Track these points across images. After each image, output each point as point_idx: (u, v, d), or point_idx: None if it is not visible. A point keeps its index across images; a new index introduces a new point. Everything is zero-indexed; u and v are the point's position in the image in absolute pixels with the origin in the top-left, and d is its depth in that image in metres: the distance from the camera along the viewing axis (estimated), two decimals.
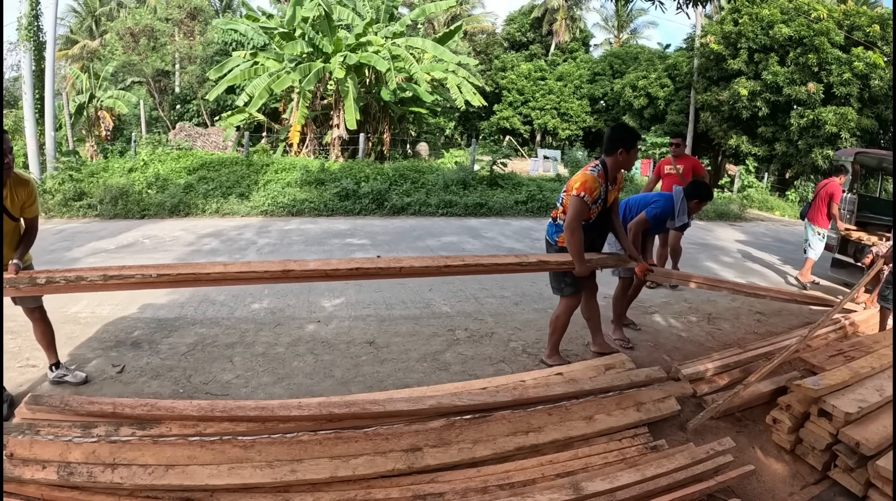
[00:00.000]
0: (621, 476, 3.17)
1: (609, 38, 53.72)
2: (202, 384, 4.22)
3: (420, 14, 23.91)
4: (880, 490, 3.41)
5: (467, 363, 4.98)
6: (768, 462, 4.00)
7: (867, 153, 11.50)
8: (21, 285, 3.62)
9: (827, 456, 3.82)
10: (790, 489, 3.72)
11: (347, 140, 21.73)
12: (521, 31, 49.87)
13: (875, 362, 4.63)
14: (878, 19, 26.39)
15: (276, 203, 12.64)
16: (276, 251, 8.67)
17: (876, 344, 5.24)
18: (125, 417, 3.23)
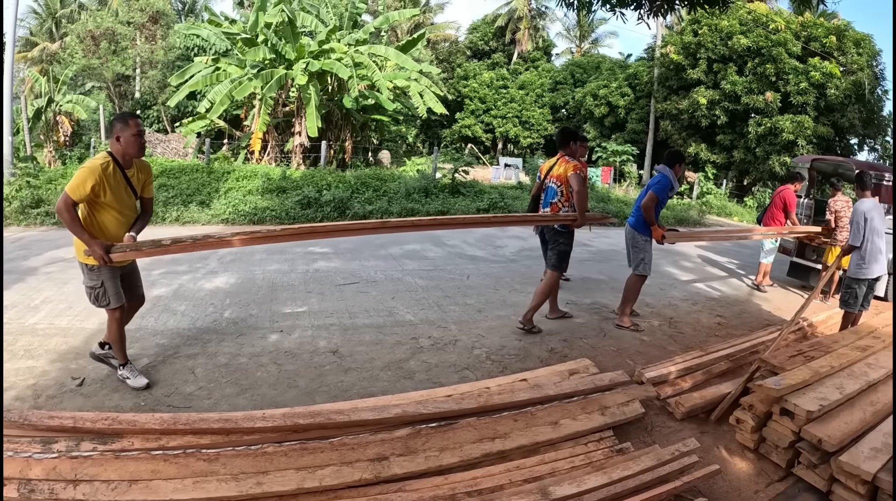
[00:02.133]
0: (588, 480, 3.20)
1: (571, 48, 54.25)
2: (164, 397, 4.16)
3: (384, 22, 23.90)
4: (844, 485, 3.50)
5: (432, 371, 4.99)
6: (733, 460, 4.09)
7: (824, 160, 11.81)
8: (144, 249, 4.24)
9: (791, 454, 3.93)
10: (755, 486, 3.80)
11: (309, 148, 21.60)
12: (483, 39, 50.15)
13: (834, 361, 4.78)
14: (834, 31, 27.14)
15: (237, 211, 12.51)
16: (238, 260, 8.58)
17: (835, 344, 5.40)
18: (86, 431, 3.15)
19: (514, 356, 5.55)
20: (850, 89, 25.99)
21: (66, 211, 3.93)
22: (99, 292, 4.24)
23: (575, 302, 7.65)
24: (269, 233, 4.56)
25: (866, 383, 4.48)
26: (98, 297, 4.25)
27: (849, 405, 4.13)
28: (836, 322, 7.60)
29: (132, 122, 4.16)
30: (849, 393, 4.21)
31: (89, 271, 4.18)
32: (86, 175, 3.96)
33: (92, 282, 4.21)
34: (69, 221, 3.96)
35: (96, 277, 4.19)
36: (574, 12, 7.51)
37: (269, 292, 6.98)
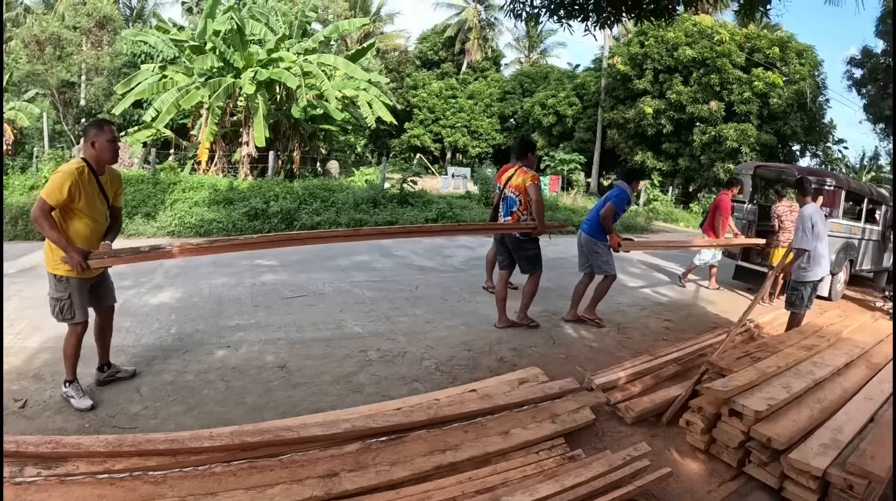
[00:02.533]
0: (541, 489, 3.23)
1: (520, 58, 54.89)
2: (109, 417, 4.07)
3: (333, 31, 23.81)
4: (795, 482, 3.61)
5: (381, 384, 4.98)
6: (685, 462, 4.16)
7: (766, 167, 12.18)
8: (122, 256, 4.27)
9: (741, 453, 4.03)
10: (708, 487, 3.87)
11: (257, 158, 21.35)
12: (433, 49, 50.37)
13: (781, 361, 4.93)
14: (777, 42, 28.06)
15: (183, 223, 12.29)
16: (184, 274, 8.44)
17: (781, 344, 5.58)
18: (29, 456, 3.06)
19: (463, 366, 5.57)
20: (793, 98, 26.90)
21: (43, 217, 3.93)
22: (65, 304, 4.21)
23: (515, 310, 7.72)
24: (247, 239, 4.75)
25: (813, 381, 4.64)
26: (63, 309, 4.22)
27: (796, 404, 4.26)
28: (781, 323, 7.82)
29: (107, 128, 4.22)
30: (796, 392, 4.35)
31: (58, 281, 4.16)
32: (62, 179, 3.96)
33: (59, 294, 4.18)
34: (47, 227, 3.94)
35: (64, 288, 4.18)
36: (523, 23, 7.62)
37: (215, 307, 6.88)
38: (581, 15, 7.19)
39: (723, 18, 32.10)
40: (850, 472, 3.39)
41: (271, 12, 24.42)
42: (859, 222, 11.53)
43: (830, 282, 9.92)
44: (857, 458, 3.47)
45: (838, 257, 10.27)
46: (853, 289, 12.13)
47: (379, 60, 42.62)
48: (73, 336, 4.33)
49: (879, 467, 3.37)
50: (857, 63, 24.97)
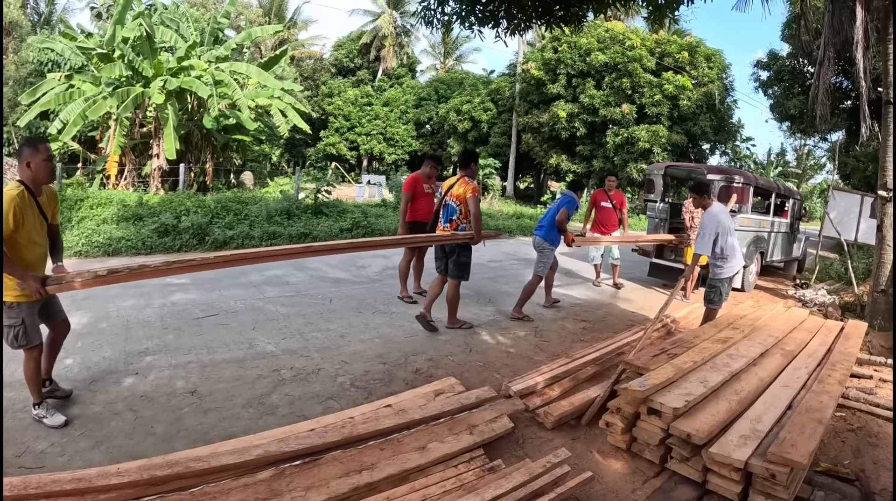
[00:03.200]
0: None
1: (436, 64, 55.22)
2: (14, 457, 3.87)
3: (246, 38, 23.38)
4: (717, 474, 3.68)
5: (295, 404, 4.92)
6: (608, 463, 4.22)
7: (677, 166, 12.66)
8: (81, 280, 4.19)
9: (662, 450, 4.11)
10: (632, 485, 3.94)
11: (168, 171, 20.78)
12: (349, 56, 50.21)
13: (696, 356, 5.06)
14: (686, 47, 29.16)
15: (90, 243, 11.77)
16: (91, 297, 8.06)
17: (696, 339, 5.75)
18: None
19: (378, 380, 5.56)
20: (702, 100, 28.00)
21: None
22: (19, 330, 4.16)
23: (440, 319, 7.71)
24: (204, 260, 4.83)
25: (729, 373, 4.78)
26: (17, 336, 4.17)
27: (714, 397, 4.37)
28: (697, 316, 8.12)
29: (42, 146, 4.22)
30: (713, 386, 4.46)
31: (8, 309, 4.10)
32: (6, 207, 3.91)
33: (11, 320, 4.13)
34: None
35: (16, 315, 4.13)
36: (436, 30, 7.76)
37: (123, 331, 6.64)
38: (492, 21, 7.29)
39: (634, 25, 33.22)
40: (771, 461, 3.47)
41: (182, 18, 23.91)
42: (768, 216, 12.03)
43: (743, 274, 10.32)
44: (777, 447, 3.55)
45: (749, 250, 10.71)
46: (765, 279, 12.63)
47: (294, 68, 42.23)
48: (32, 361, 4.33)
49: (800, 454, 3.47)
50: (764, 66, 26.09)
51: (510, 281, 10.52)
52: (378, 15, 49.45)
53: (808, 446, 3.59)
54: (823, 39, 10.20)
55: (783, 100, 24.83)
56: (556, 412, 4.74)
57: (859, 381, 6.08)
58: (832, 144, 28.59)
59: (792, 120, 25.72)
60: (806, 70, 23.30)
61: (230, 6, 24.44)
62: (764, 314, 7.61)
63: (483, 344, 6.91)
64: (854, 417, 5.39)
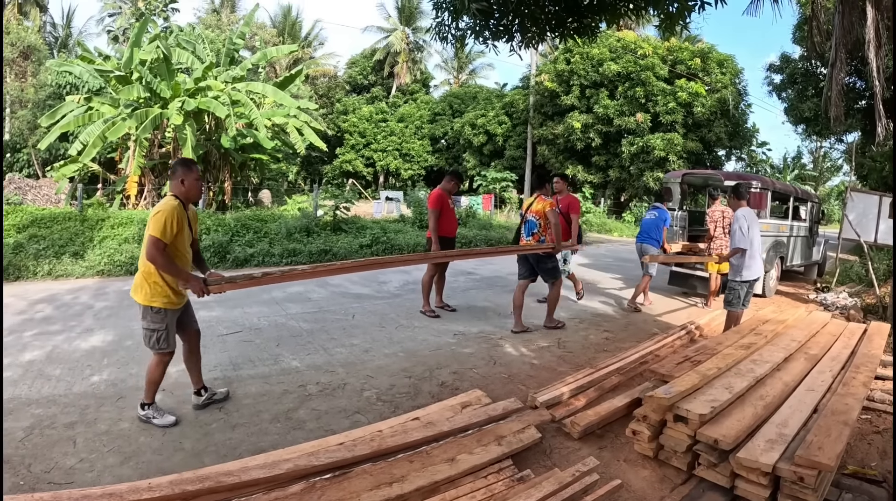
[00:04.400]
0: None
1: (449, 79, 55.39)
2: (44, 473, 3.89)
3: (261, 58, 23.55)
4: (746, 479, 3.65)
5: (322, 419, 4.92)
6: (635, 471, 4.18)
7: (693, 174, 12.60)
8: (238, 281, 4.81)
9: (690, 457, 4.06)
10: (660, 493, 3.90)
11: None
12: (362, 74, 50.45)
13: (720, 362, 5.03)
14: (698, 53, 29.14)
15: (112, 262, 11.93)
16: (115, 315, 8.21)
17: (719, 346, 5.71)
18: None
19: (404, 394, 5.56)
20: (716, 106, 27.93)
21: (160, 255, 4.34)
22: (161, 334, 4.62)
23: (463, 332, 7.79)
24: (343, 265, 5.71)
25: (754, 379, 4.75)
26: (158, 339, 4.62)
27: (739, 403, 4.34)
28: (719, 323, 8.10)
29: (194, 167, 4.81)
30: (738, 391, 4.43)
31: (155, 313, 4.57)
32: (169, 217, 4.42)
33: (156, 325, 4.59)
34: (165, 263, 4.37)
35: (161, 320, 4.60)
36: (450, 46, 7.84)
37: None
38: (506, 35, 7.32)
39: (645, 33, 33.23)
40: (798, 464, 3.45)
41: (198, 40, 24.09)
42: (787, 220, 11.97)
43: (764, 279, 10.26)
44: (804, 450, 3.53)
45: (769, 255, 10.66)
46: (785, 284, 12.54)
47: (308, 87, 42.49)
48: (161, 365, 4.74)
49: (827, 456, 3.45)
50: (777, 69, 25.96)
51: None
52: (391, 32, 49.69)
53: (835, 448, 3.57)
54: (835, 40, 10.18)
55: (797, 103, 24.69)
56: (582, 422, 4.71)
57: (884, 383, 6.02)
58: (848, 145, 28.41)
59: (807, 122, 25.57)
60: (819, 72, 23.16)
61: (245, 27, 24.65)
62: (786, 318, 7.57)
63: (507, 356, 6.90)
64: (879, 419, 5.34)
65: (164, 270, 4.43)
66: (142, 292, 4.55)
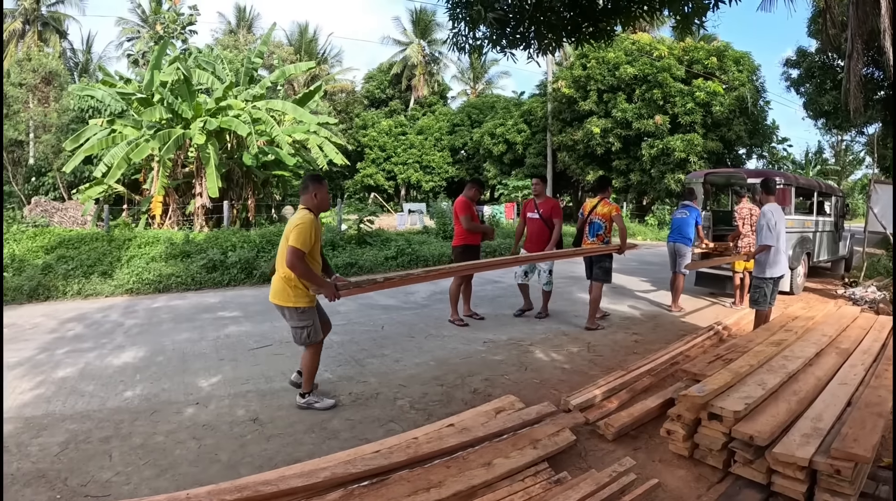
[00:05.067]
0: None
1: (466, 90, 55.62)
2: (80, 487, 3.90)
3: (280, 76, 23.82)
4: (782, 474, 3.62)
5: (356, 428, 4.91)
6: (671, 470, 4.15)
7: (716, 173, 12.54)
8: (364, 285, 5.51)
9: (726, 454, 4.04)
10: (697, 492, 3.87)
11: (211, 208, 21.14)
12: (380, 88, 50.68)
13: (752, 359, 5.01)
14: (714, 52, 28.96)
15: (141, 280, 12.04)
16: (146, 332, 8.27)
17: (750, 343, 5.67)
18: None
19: (437, 402, 5.54)
20: (734, 104, 27.75)
21: (300, 263, 4.83)
22: (310, 330, 5.21)
23: (492, 340, 7.76)
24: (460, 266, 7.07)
25: (786, 374, 4.71)
26: (309, 334, 5.21)
27: (773, 399, 4.32)
28: (748, 322, 8.05)
29: (324, 182, 5.36)
30: (771, 387, 4.40)
31: (301, 313, 5.15)
32: (308, 228, 4.92)
33: (304, 323, 5.17)
34: (305, 270, 4.87)
35: (308, 317, 5.18)
36: (467, 56, 7.87)
37: (180, 364, 6.73)
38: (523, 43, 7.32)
39: (660, 34, 33.14)
40: (835, 457, 3.42)
41: (217, 61, 24.33)
42: (811, 216, 11.84)
43: (791, 277, 10.15)
44: (840, 443, 3.51)
45: (795, 252, 10.53)
46: (813, 281, 12.40)
47: (327, 102, 42.73)
48: (316, 354, 5.35)
49: (863, 448, 3.42)
50: (794, 64, 25.72)
51: (558, 298, 10.45)
52: (407, 45, 49.90)
53: (871, 439, 3.54)
54: (850, 31, 10.10)
55: (816, 96, 24.40)
56: (616, 424, 4.69)
57: None
58: (869, 137, 28.03)
59: (827, 116, 25.28)
60: (836, 64, 22.86)
61: (262, 46, 24.90)
62: (815, 314, 7.49)
63: (537, 362, 6.86)
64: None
65: (303, 276, 4.92)
66: (285, 296, 5.10)
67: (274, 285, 5.22)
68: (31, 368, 6.52)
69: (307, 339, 5.22)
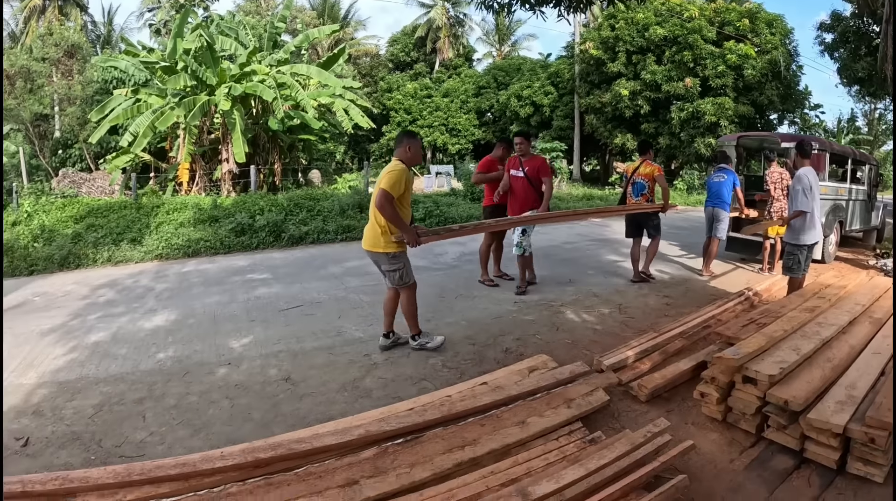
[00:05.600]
0: (566, 474, 3.16)
1: (492, 52, 54.92)
2: (114, 448, 3.92)
3: (304, 40, 23.66)
4: (816, 441, 3.62)
5: (389, 387, 4.90)
6: (703, 434, 4.13)
7: (749, 136, 12.28)
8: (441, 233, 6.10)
9: (759, 419, 4.03)
10: (729, 456, 3.86)
11: (238, 174, 21.15)
12: (404, 51, 50.26)
13: (786, 324, 4.94)
14: (746, 14, 28.22)
15: (170, 245, 12.10)
16: (176, 296, 8.31)
17: (783, 309, 5.59)
18: (37, 495, 2.89)
19: (469, 361, 5.52)
20: (767, 68, 27.04)
21: (388, 205, 5.14)
22: (403, 272, 5.50)
23: (523, 300, 7.71)
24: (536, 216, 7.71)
25: (820, 341, 4.65)
26: (402, 277, 5.51)
27: (807, 365, 4.28)
28: (779, 289, 7.94)
29: (418, 137, 5.79)
30: (805, 353, 4.36)
31: (392, 258, 5.44)
32: (400, 176, 5.27)
33: (396, 266, 5.46)
34: (392, 213, 5.17)
35: (398, 261, 5.46)
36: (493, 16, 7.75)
37: (211, 326, 6.75)
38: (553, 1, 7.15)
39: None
40: (870, 425, 3.40)
41: (240, 27, 24.19)
42: (845, 183, 11.58)
43: (822, 245, 9.93)
44: (874, 411, 3.49)
45: (828, 219, 10.30)
46: (844, 250, 12.16)
47: (351, 66, 42.51)
48: (412, 296, 5.70)
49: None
50: (828, 28, 24.87)
51: (588, 261, 10.36)
52: (431, 7, 49.37)
53: None
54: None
55: (850, 62, 23.57)
56: (649, 385, 4.66)
57: None
58: None
59: (861, 83, 24.47)
60: (871, 30, 22.07)
61: (286, 10, 24.73)
62: (847, 283, 7.33)
63: (569, 323, 6.80)
64: None
65: (389, 219, 5.18)
66: (377, 242, 5.41)
67: (366, 234, 5.57)
68: (64, 333, 6.56)
69: (400, 280, 5.51)
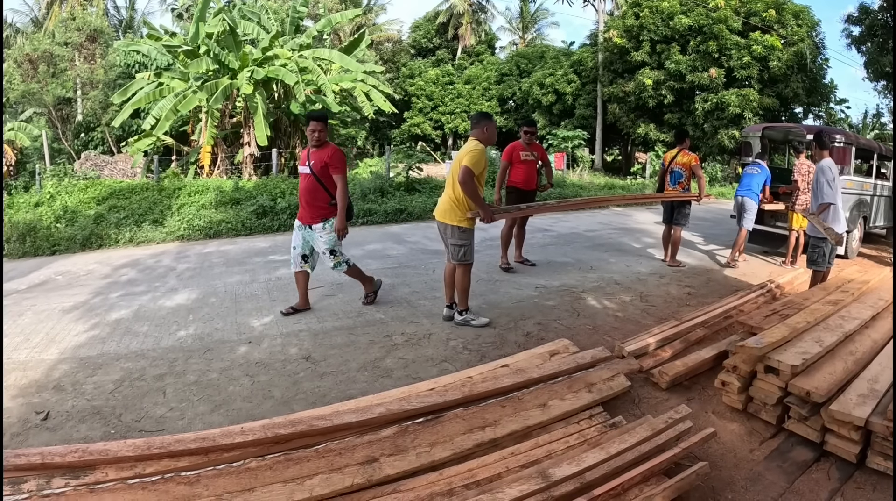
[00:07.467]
0: (587, 457, 3.13)
1: (514, 40, 54.68)
2: (134, 422, 3.92)
3: (326, 25, 23.65)
4: (837, 434, 3.58)
5: (409, 367, 4.88)
6: (723, 423, 4.09)
7: (774, 127, 12.11)
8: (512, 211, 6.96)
9: (780, 410, 3.99)
10: (749, 446, 3.83)
11: (260, 157, 21.24)
12: (426, 37, 50.10)
13: (809, 316, 4.89)
14: (773, 4, 27.75)
15: (192, 227, 12.16)
16: (198, 275, 8.33)
17: (806, 301, 5.56)
18: (56, 466, 2.88)
19: (490, 343, 5.48)
20: (792, 60, 26.62)
21: (470, 181, 5.45)
22: (467, 249, 5.76)
23: (545, 285, 7.65)
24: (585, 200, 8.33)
25: (843, 334, 4.60)
26: (465, 253, 5.76)
27: (830, 357, 4.23)
28: (801, 282, 7.88)
29: (493, 119, 6.05)
30: (828, 345, 4.30)
31: (462, 232, 5.70)
32: (481, 155, 5.57)
33: (463, 241, 5.72)
34: (473, 189, 5.49)
35: (467, 238, 5.73)
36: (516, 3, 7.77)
37: (232, 305, 6.76)
38: None
39: None
40: (891, 419, 3.36)
41: (262, 11, 24.26)
42: (870, 178, 11.41)
43: (846, 240, 9.77)
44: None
45: (852, 214, 10.14)
46: (867, 247, 11.98)
47: (373, 52, 42.46)
48: (468, 273, 5.91)
49: None
50: (855, 21, 24.36)
51: (609, 249, 10.30)
52: None
53: None
54: None
55: (877, 56, 23.10)
56: (670, 372, 4.62)
57: None
58: None
59: (888, 78, 24.09)
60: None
61: None
62: (871, 278, 7.23)
63: (590, 309, 6.75)
64: None
65: (469, 194, 5.48)
66: (453, 215, 5.67)
67: (441, 205, 5.83)
68: (85, 311, 6.59)
69: (463, 257, 5.74)
